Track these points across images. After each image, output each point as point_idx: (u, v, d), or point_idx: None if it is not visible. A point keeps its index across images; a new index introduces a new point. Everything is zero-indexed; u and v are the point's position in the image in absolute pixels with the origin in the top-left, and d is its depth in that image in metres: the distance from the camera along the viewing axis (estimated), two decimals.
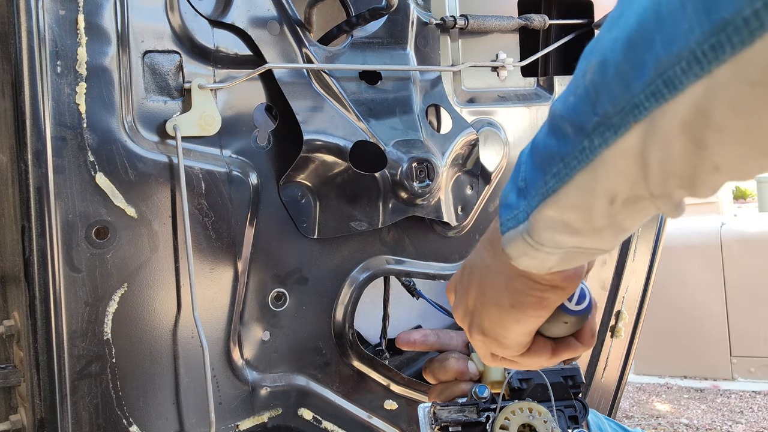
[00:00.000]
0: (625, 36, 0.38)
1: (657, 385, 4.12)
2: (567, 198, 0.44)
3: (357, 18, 1.08)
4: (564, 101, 0.44)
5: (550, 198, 0.45)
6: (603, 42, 0.40)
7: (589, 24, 1.39)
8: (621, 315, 1.50)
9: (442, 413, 0.81)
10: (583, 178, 0.43)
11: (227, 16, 1.01)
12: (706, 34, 0.33)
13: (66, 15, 0.89)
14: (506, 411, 0.79)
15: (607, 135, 0.40)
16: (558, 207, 0.45)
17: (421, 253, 1.21)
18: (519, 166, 0.50)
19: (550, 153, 0.45)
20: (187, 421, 1.02)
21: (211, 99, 1.00)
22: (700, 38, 0.33)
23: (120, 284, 0.95)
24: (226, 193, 1.01)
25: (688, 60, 0.34)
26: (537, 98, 1.36)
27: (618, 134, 0.39)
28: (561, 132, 0.44)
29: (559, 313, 0.58)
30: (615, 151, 0.40)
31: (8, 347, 1.05)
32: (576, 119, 0.42)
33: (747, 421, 3.60)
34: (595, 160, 0.41)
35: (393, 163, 1.10)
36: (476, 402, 0.82)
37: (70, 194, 0.90)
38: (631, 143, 0.39)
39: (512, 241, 0.50)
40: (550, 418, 0.78)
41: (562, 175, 0.44)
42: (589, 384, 1.51)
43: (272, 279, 1.08)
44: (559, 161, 0.44)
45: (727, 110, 0.34)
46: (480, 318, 0.59)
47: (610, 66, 0.39)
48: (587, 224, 0.45)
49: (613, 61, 0.39)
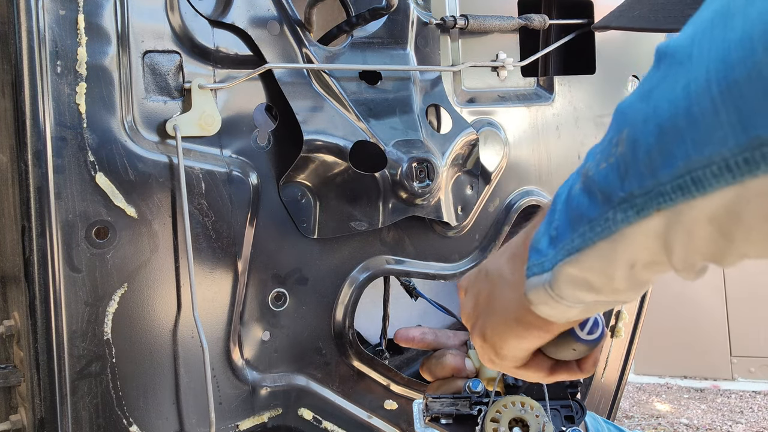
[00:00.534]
0: (657, 121, 0.37)
1: (657, 385, 4.12)
2: (588, 261, 0.44)
3: (357, 18, 1.08)
4: (597, 165, 0.43)
5: (573, 257, 0.45)
6: (636, 115, 0.40)
7: (589, 24, 1.39)
8: (621, 315, 1.50)
9: (435, 405, 0.81)
10: (605, 247, 0.43)
11: (227, 16, 1.01)
12: (741, 147, 0.32)
13: (66, 15, 0.89)
14: (498, 404, 0.78)
15: (629, 213, 0.40)
16: (580, 267, 0.45)
17: (421, 253, 1.21)
18: (554, 212, 0.49)
19: (580, 211, 0.45)
20: (187, 421, 1.02)
21: (211, 99, 1.00)
22: (735, 150, 0.33)
23: (120, 284, 0.95)
24: (226, 193, 1.01)
25: (719, 166, 0.34)
26: (537, 98, 1.36)
27: (640, 216, 0.39)
28: (592, 194, 0.44)
29: (569, 339, 0.56)
30: (637, 230, 0.40)
31: (8, 347, 1.05)
32: (605, 188, 0.42)
33: (747, 421, 3.60)
34: (617, 233, 0.41)
35: (393, 163, 1.10)
36: (469, 395, 0.82)
37: (70, 194, 0.90)
38: (654, 226, 0.39)
39: (534, 289, 0.49)
40: (542, 413, 0.77)
41: (586, 238, 0.44)
42: (588, 384, 1.51)
43: (272, 279, 1.08)
44: (586, 223, 0.44)
45: (759, 216, 0.34)
46: (483, 323, 0.59)
47: (640, 147, 0.39)
48: (608, 286, 0.45)
49: (643, 143, 0.38)
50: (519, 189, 1.32)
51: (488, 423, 0.77)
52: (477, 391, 0.82)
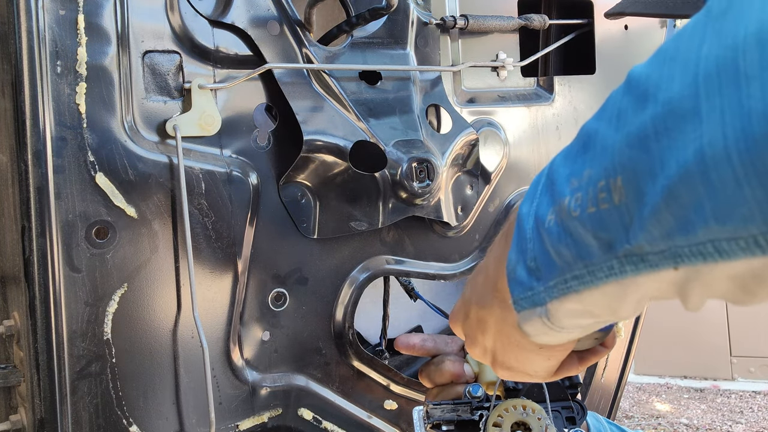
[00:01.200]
0: (666, 183, 0.34)
1: (657, 385, 4.12)
2: (592, 298, 0.42)
3: (357, 18, 1.08)
4: (583, 207, 0.40)
5: (572, 295, 0.43)
6: (628, 162, 0.37)
7: (590, 24, 1.39)
8: None
9: (435, 412, 0.81)
10: (611, 289, 0.41)
11: (227, 16, 1.01)
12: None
13: (66, 15, 0.89)
14: (499, 408, 0.78)
15: (641, 266, 0.38)
16: (582, 303, 0.43)
17: (421, 253, 1.21)
18: (524, 239, 0.46)
19: (567, 251, 0.42)
20: (187, 421, 1.02)
21: (211, 99, 1.00)
22: (764, 228, 0.31)
23: (120, 284, 0.95)
24: (226, 193, 1.01)
25: (746, 240, 0.32)
26: (537, 98, 1.36)
27: (654, 270, 0.37)
28: (579, 238, 0.41)
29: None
30: (649, 278, 0.38)
31: (8, 347, 1.05)
32: (602, 234, 0.39)
33: (747, 421, 3.60)
34: (627, 279, 0.39)
35: (393, 163, 1.10)
36: (470, 401, 0.81)
37: (70, 194, 0.90)
38: (669, 277, 0.37)
39: (529, 321, 0.48)
40: (544, 416, 0.77)
41: (586, 281, 0.42)
42: (589, 384, 1.51)
43: (272, 279, 1.08)
44: (582, 267, 0.41)
45: None
46: (504, 358, 0.57)
47: (646, 206, 0.36)
48: (613, 315, 0.44)
49: (650, 202, 0.35)
50: (519, 189, 1.32)
51: (490, 428, 0.77)
52: (477, 396, 0.81)
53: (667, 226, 0.35)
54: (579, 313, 0.45)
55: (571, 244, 0.42)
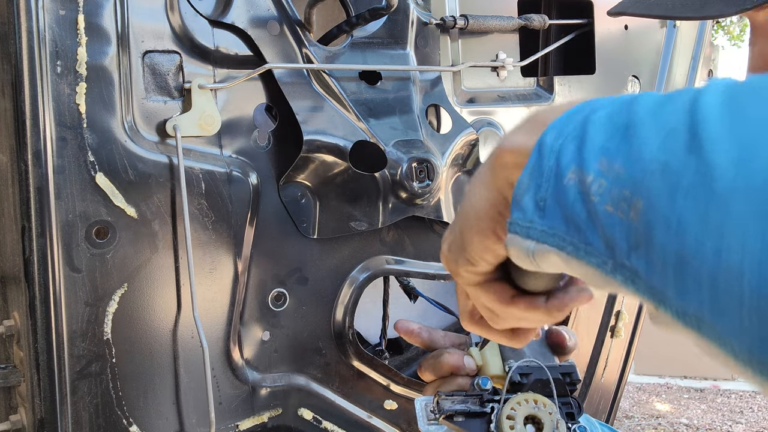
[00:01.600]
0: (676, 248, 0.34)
1: (657, 385, 4.12)
2: (580, 269, 0.43)
3: (357, 18, 1.08)
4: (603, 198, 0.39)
5: (563, 254, 0.43)
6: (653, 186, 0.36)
7: (589, 24, 1.39)
8: (621, 315, 1.50)
9: (446, 403, 0.81)
10: (598, 275, 0.41)
11: (227, 16, 1.01)
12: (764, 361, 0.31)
13: (66, 15, 0.89)
14: (512, 401, 0.78)
15: (631, 280, 0.38)
16: (568, 265, 0.44)
17: (421, 253, 1.21)
18: (540, 172, 0.44)
19: (576, 220, 0.42)
20: (187, 421, 1.02)
21: (211, 99, 1.00)
22: (758, 355, 0.32)
23: (120, 284, 0.95)
24: (226, 193, 1.01)
25: (741, 350, 0.33)
26: (537, 98, 1.36)
27: (640, 292, 0.38)
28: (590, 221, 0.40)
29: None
30: (635, 293, 0.39)
31: (8, 347, 1.05)
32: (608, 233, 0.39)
33: (747, 421, 3.60)
34: (615, 280, 0.40)
35: (393, 163, 1.10)
36: (480, 393, 0.82)
37: (70, 194, 0.90)
38: (650, 306, 0.38)
39: (514, 244, 0.48)
40: (555, 410, 0.77)
41: (581, 255, 0.41)
42: (588, 384, 1.51)
43: (272, 279, 1.08)
44: (581, 242, 0.41)
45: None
46: (455, 234, 0.56)
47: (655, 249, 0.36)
48: (592, 285, 0.44)
49: (659, 251, 0.36)
50: None
51: (504, 420, 0.77)
52: (487, 388, 0.82)
53: (665, 280, 0.35)
54: (561, 267, 0.45)
55: (580, 220, 0.41)
